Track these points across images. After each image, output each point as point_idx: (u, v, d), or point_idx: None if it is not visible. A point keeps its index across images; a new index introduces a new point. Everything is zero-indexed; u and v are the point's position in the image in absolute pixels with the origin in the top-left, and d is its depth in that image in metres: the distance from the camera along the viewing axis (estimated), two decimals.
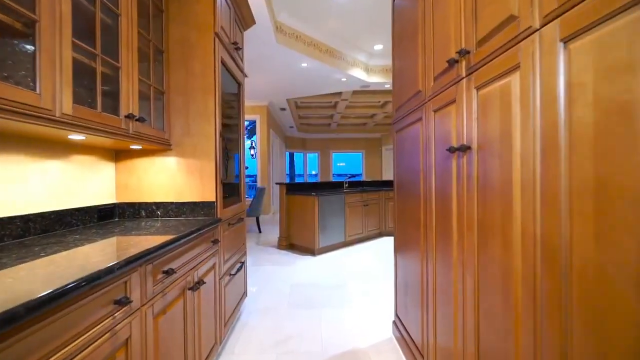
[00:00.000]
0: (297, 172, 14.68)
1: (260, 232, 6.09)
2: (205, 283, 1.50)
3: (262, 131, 7.80)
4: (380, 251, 4.51)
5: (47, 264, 0.85)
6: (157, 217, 1.81)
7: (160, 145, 1.72)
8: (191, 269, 1.41)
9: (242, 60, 2.48)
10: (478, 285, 1.04)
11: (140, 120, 1.45)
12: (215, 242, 1.72)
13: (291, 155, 14.06)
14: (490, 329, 0.97)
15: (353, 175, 6.56)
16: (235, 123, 2.47)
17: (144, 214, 1.82)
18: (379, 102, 8.30)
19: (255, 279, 3.37)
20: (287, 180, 13.14)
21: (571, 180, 0.66)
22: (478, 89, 1.04)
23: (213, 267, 1.72)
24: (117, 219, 1.78)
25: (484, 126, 1.00)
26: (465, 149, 1.09)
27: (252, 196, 6.34)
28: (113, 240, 1.21)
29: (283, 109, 8.62)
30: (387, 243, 5.02)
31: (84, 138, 1.28)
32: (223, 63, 1.98)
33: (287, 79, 5.84)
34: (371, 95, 7.60)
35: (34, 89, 0.94)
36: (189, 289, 1.37)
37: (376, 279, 3.31)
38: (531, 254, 0.78)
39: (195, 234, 1.40)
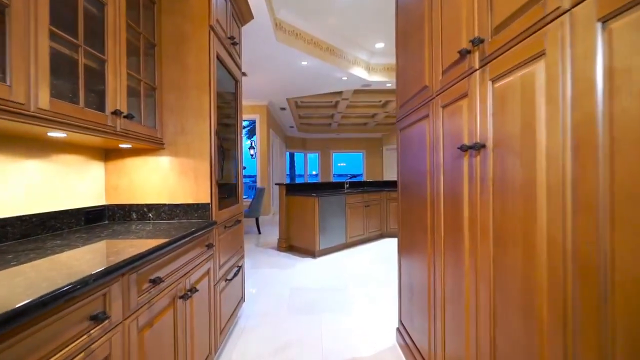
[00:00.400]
0: (297, 172, 14.59)
1: (259, 233, 6.00)
2: (198, 291, 1.41)
3: (261, 131, 7.72)
4: (382, 253, 4.42)
5: (14, 275, 0.76)
6: (149, 220, 1.72)
7: (152, 144, 1.63)
8: (182, 276, 1.32)
9: (239, 56, 2.39)
10: (494, 298, 0.95)
11: (129, 117, 1.36)
12: (210, 246, 1.62)
13: (291, 156, 13.97)
14: (509, 345, 0.88)
15: (354, 176, 6.46)
16: (233, 122, 2.38)
17: (135, 217, 1.72)
18: (380, 101, 8.21)
19: (254, 282, 3.28)
20: (288, 181, 13.04)
21: (613, 183, 0.57)
22: (494, 81, 0.94)
23: (207, 272, 1.62)
24: (106, 222, 1.69)
25: (501, 122, 0.90)
26: (479, 147, 0.99)
27: (252, 197, 6.25)
28: (97, 245, 1.12)
29: (283, 109, 8.52)
30: (388, 244, 4.93)
31: (65, 135, 1.19)
32: (219, 58, 1.89)
33: (287, 77, 5.75)
34: (372, 95, 7.51)
35: (3, 81, 0.85)
36: (180, 297, 1.27)
37: (378, 282, 3.21)
38: (560, 268, 0.68)
39: (186, 239, 1.30)
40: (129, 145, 1.56)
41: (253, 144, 8.52)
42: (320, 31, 4.82)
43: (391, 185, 6.05)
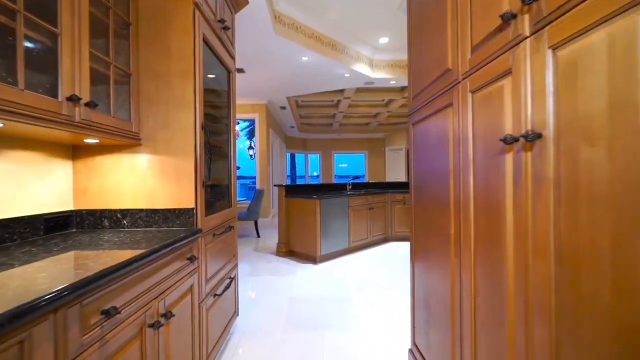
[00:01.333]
0: (298, 173, 14.33)
1: (258, 236, 5.76)
2: (174, 315, 1.17)
3: (261, 130, 7.49)
4: (387, 258, 4.17)
5: None
6: (123, 228, 1.48)
7: (126, 140, 1.40)
8: (154, 299, 1.08)
9: (232, 44, 2.16)
10: (556, 337, 0.70)
11: (91, 105, 1.12)
12: (193, 259, 1.39)
13: (292, 156, 13.73)
14: None
15: (357, 177, 6.24)
16: (225, 117, 2.15)
17: (107, 224, 1.49)
18: (383, 100, 7.97)
19: (251, 291, 3.04)
20: (289, 182, 12.81)
21: None
22: (555, 48, 0.70)
23: (190, 289, 1.39)
24: (73, 230, 1.45)
25: (569, 101, 0.66)
26: (532, 137, 0.75)
27: (251, 198, 6.01)
28: (39, 265, 0.88)
29: (283, 108, 8.30)
30: (393, 249, 4.68)
31: (1, 125, 0.95)
32: (206, 42, 1.65)
33: (287, 74, 5.52)
34: (375, 94, 7.28)
35: None
36: (150, 326, 1.03)
37: (385, 290, 2.96)
38: None
39: (157, 254, 1.06)
40: (95, 140, 1.32)
41: (252, 144, 8.29)
42: (321, 25, 4.59)
43: (395, 186, 5.81)
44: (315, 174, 13.73)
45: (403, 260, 4.09)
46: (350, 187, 5.39)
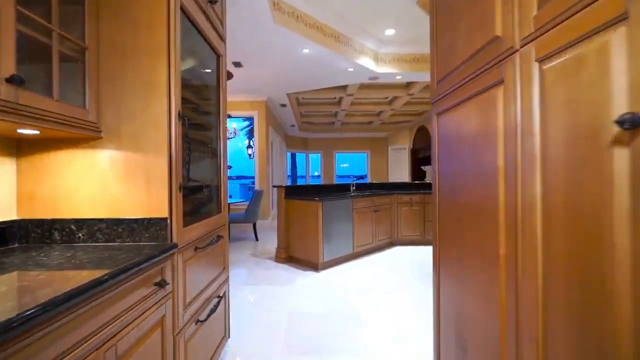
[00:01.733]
0: (299, 173, 14.01)
1: (257, 240, 5.46)
2: None
3: (260, 129, 7.18)
4: (395, 264, 3.86)
5: None
6: (77, 242, 1.18)
7: (80, 131, 1.10)
8: (97, 349, 0.78)
9: (221, 23, 1.86)
10: None
11: (15, 81, 0.82)
12: (163, 284, 1.08)
13: (293, 156, 13.41)
14: None
15: (361, 177, 5.94)
16: (215, 111, 1.85)
17: (58, 237, 1.19)
18: (387, 97, 7.66)
19: (245, 305, 2.74)
20: (289, 182, 12.51)
21: None
22: None
23: (160, 322, 1.09)
24: (15, 245, 1.15)
25: None
26: None
27: (249, 199, 5.70)
28: None
29: (283, 105, 7.99)
30: (401, 253, 4.38)
31: None
32: (185, 13, 1.35)
33: (287, 68, 5.21)
34: (379, 90, 6.96)
35: None
36: None
37: (394, 300, 2.65)
38: None
39: (97, 289, 0.76)
40: (33, 132, 1.02)
41: (251, 144, 7.99)
42: (323, 14, 4.28)
43: (401, 187, 5.51)
44: (316, 174, 13.41)
45: (412, 264, 3.79)
46: (354, 188, 5.08)
